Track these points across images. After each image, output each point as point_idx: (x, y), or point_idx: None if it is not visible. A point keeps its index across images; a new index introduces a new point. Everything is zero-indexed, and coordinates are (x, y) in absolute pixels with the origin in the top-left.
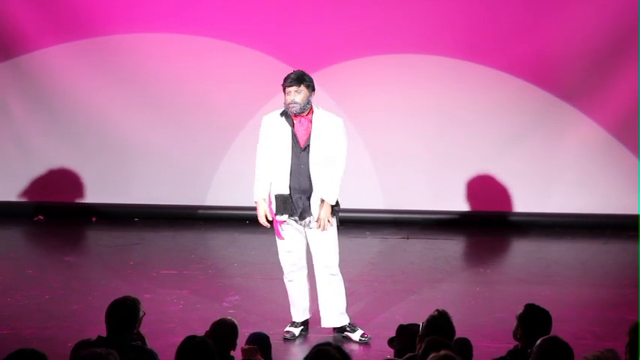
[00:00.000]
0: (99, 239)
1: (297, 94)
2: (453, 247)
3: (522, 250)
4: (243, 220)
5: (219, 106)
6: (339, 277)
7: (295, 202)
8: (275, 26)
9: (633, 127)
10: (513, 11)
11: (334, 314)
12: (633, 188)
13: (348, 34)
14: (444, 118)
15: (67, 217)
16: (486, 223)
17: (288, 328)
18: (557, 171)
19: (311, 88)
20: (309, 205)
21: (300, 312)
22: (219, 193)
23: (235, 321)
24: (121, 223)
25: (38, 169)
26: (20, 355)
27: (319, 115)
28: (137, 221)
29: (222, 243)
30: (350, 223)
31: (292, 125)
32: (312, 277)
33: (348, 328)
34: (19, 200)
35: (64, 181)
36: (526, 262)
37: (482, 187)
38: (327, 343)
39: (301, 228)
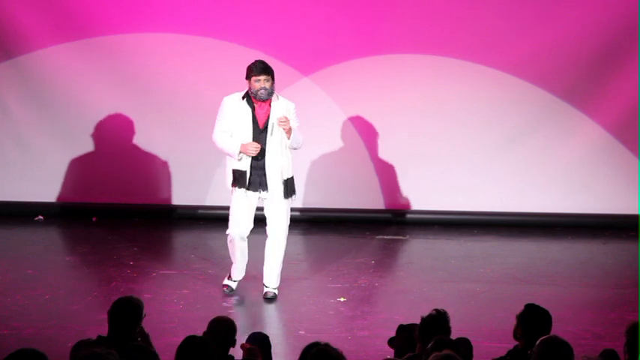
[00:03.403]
0: (99, 239)
1: (266, 82)
2: (452, 247)
3: (522, 250)
4: None
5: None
6: (285, 243)
7: (253, 179)
8: (275, 26)
9: (633, 127)
10: (513, 11)
11: (274, 276)
12: (633, 188)
13: (347, 35)
14: (444, 118)
15: (67, 217)
16: (484, 224)
17: (226, 282)
18: (557, 171)
19: (273, 77)
20: (265, 180)
21: (239, 271)
22: (219, 193)
23: (232, 318)
24: (121, 223)
25: (38, 169)
26: (20, 355)
27: (277, 100)
28: (137, 221)
29: (222, 243)
30: (350, 223)
31: (253, 108)
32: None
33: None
34: (19, 200)
35: (64, 181)
36: (526, 262)
37: (481, 186)
38: (325, 343)
39: (254, 200)
